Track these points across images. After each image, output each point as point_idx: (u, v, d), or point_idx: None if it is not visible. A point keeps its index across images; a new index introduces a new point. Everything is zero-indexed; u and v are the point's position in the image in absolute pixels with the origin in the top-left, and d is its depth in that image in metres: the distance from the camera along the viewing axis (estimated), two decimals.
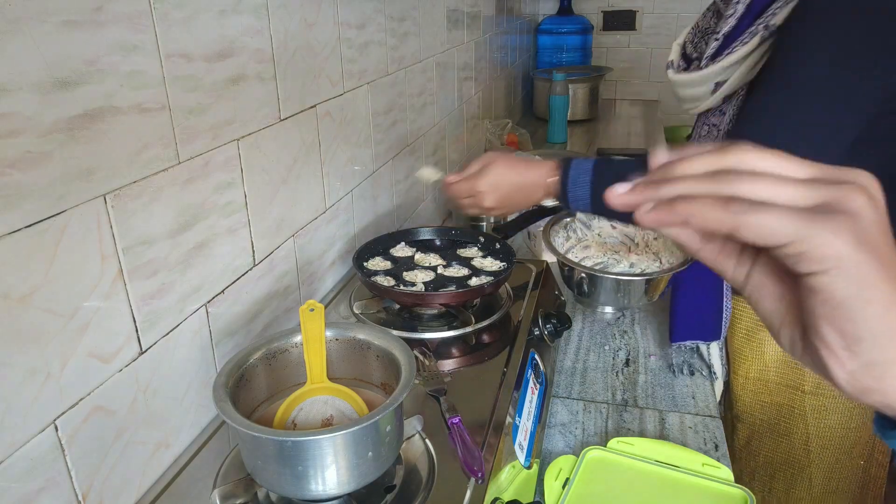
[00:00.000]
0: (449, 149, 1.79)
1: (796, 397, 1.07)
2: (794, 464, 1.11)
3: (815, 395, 1.06)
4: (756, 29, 0.90)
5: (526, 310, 0.99)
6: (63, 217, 0.55)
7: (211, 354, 0.79)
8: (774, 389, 1.10)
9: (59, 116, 0.54)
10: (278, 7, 0.86)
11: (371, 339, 0.69)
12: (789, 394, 1.08)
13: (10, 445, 0.52)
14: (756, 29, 0.90)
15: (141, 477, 0.68)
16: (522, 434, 0.80)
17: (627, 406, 1.02)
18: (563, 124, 2.46)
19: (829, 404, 1.06)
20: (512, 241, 1.15)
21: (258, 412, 0.67)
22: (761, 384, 1.11)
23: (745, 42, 0.90)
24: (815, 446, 1.08)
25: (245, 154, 0.81)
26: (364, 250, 1.05)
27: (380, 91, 1.24)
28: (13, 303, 0.51)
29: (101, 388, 0.61)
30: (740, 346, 1.12)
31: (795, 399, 1.08)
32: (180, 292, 0.72)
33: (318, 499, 0.59)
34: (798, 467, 1.11)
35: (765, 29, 0.88)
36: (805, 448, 1.09)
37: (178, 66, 0.68)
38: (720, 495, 0.83)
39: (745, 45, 0.90)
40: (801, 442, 1.09)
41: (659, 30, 3.24)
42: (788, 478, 1.13)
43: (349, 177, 1.15)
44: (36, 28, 0.51)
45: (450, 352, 0.89)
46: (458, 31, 1.76)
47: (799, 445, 1.10)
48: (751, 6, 0.92)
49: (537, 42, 3.08)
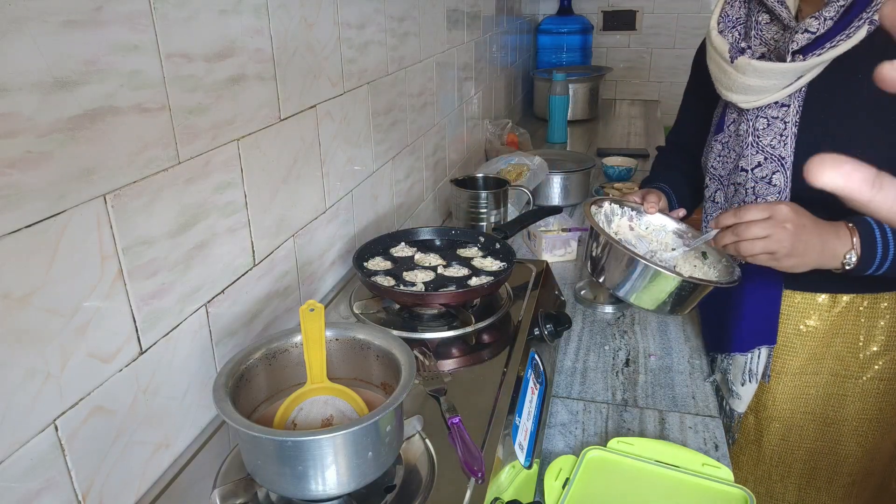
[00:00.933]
0: (449, 149, 1.79)
1: (849, 385, 1.08)
2: (841, 450, 1.12)
3: (872, 381, 1.07)
4: (861, 23, 0.87)
5: (526, 310, 0.99)
6: (63, 217, 0.55)
7: (211, 354, 0.79)
8: (824, 380, 1.10)
9: (59, 116, 0.54)
10: (278, 7, 0.86)
11: (371, 339, 0.69)
12: (841, 383, 1.09)
13: (10, 445, 0.52)
14: (861, 23, 0.87)
15: (141, 477, 0.68)
16: (522, 434, 0.80)
17: (627, 406, 1.02)
18: (563, 124, 2.46)
19: (885, 387, 1.07)
20: (512, 241, 1.15)
21: (258, 412, 0.67)
22: (810, 377, 1.10)
23: (850, 36, 0.88)
24: (865, 430, 1.09)
25: (245, 154, 0.81)
26: (364, 250, 1.05)
27: (380, 91, 1.24)
28: (13, 303, 0.51)
29: (101, 388, 0.61)
30: (789, 340, 1.10)
31: (848, 387, 1.08)
32: (180, 292, 0.72)
33: (318, 499, 0.59)
34: (844, 454, 1.12)
35: (870, 24, 0.86)
36: (855, 433, 1.10)
37: (178, 66, 0.68)
38: (720, 495, 0.83)
39: (850, 39, 0.88)
40: (851, 428, 1.10)
41: (659, 30, 3.24)
42: (832, 465, 1.14)
43: (349, 177, 1.15)
44: (36, 28, 0.51)
45: (450, 352, 0.89)
46: (458, 31, 1.77)
47: (848, 432, 1.10)
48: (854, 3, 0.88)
49: (537, 42, 3.08)
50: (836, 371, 1.09)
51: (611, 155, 2.13)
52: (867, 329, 1.05)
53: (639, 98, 3.33)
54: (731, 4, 1.03)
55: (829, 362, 1.09)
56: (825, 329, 1.07)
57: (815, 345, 1.09)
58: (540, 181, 1.74)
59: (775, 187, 0.97)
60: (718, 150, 1.08)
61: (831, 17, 0.89)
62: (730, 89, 0.99)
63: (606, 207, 1.06)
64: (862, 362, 1.07)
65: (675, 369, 1.11)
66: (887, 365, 1.06)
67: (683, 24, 3.20)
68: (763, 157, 0.98)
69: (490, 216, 1.47)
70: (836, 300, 1.06)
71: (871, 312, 1.04)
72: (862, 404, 1.09)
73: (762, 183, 0.98)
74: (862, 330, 1.05)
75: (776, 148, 0.97)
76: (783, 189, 0.97)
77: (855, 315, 1.05)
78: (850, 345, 1.07)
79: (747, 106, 0.98)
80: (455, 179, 1.52)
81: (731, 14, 1.03)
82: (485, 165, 1.79)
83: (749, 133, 0.99)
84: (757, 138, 0.98)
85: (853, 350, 1.07)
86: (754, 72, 0.94)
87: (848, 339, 1.07)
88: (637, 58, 3.31)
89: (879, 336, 1.05)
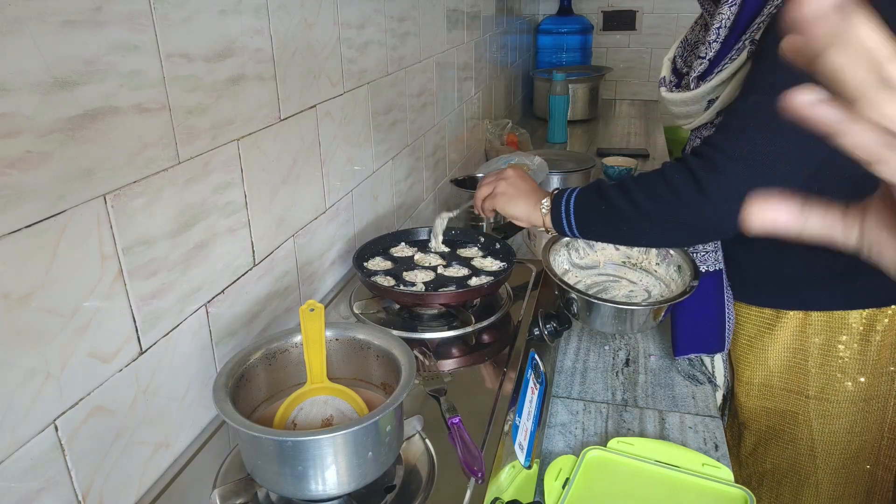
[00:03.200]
0: (449, 149, 1.79)
1: (801, 403, 1.07)
2: (801, 470, 1.11)
3: (820, 401, 1.05)
4: (742, 45, 0.89)
5: (526, 310, 0.99)
6: (63, 217, 0.55)
7: (211, 354, 0.79)
8: (779, 395, 1.09)
9: (59, 116, 0.54)
10: (278, 7, 0.86)
11: (371, 339, 0.69)
12: (794, 399, 1.08)
13: (10, 445, 0.52)
14: (742, 45, 0.89)
15: (141, 477, 0.68)
16: (522, 434, 0.80)
17: (627, 406, 1.02)
18: (563, 124, 2.46)
19: (834, 409, 1.05)
20: (512, 241, 1.15)
21: (258, 412, 0.67)
22: (766, 390, 1.10)
23: (734, 59, 0.90)
24: (821, 452, 1.08)
25: (245, 154, 0.81)
26: (364, 250, 1.05)
27: (380, 91, 1.24)
28: (13, 303, 0.51)
29: (101, 388, 0.61)
30: (743, 353, 1.12)
31: (800, 405, 1.07)
32: (180, 292, 0.72)
33: (318, 499, 0.59)
34: (804, 474, 1.10)
35: (751, 44, 0.88)
36: (811, 454, 1.09)
37: (178, 66, 0.68)
38: (720, 495, 0.83)
39: (733, 62, 0.90)
40: (806, 448, 1.09)
41: (659, 30, 3.24)
42: (795, 484, 1.12)
43: (349, 177, 1.15)
44: (36, 28, 0.51)
45: (450, 352, 0.89)
46: (457, 31, 1.76)
47: (805, 451, 1.09)
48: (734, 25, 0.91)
49: (537, 42, 3.08)
50: (788, 387, 1.08)
51: (611, 155, 2.13)
52: (818, 348, 1.03)
53: (639, 98, 3.33)
54: (692, 30, 1.10)
55: (781, 377, 1.08)
56: (774, 343, 1.07)
57: (766, 358, 1.09)
58: (540, 181, 1.74)
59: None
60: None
61: (714, 39, 0.93)
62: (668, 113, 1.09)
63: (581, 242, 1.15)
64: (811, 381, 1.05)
65: (675, 369, 1.11)
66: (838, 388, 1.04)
67: (683, 25, 3.17)
68: None
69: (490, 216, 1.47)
70: (780, 315, 1.05)
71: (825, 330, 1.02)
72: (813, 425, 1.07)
73: None
74: (812, 349, 1.03)
75: None
76: None
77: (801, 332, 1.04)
78: (799, 362, 1.05)
79: (687, 128, 1.06)
80: (455, 179, 1.52)
81: (690, 39, 1.09)
82: (485, 165, 1.79)
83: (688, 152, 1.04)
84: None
85: (802, 368, 1.05)
86: (669, 101, 1.03)
87: (795, 356, 1.06)
88: (637, 58, 3.31)
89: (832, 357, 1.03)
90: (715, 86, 0.94)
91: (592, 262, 1.16)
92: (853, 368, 1.02)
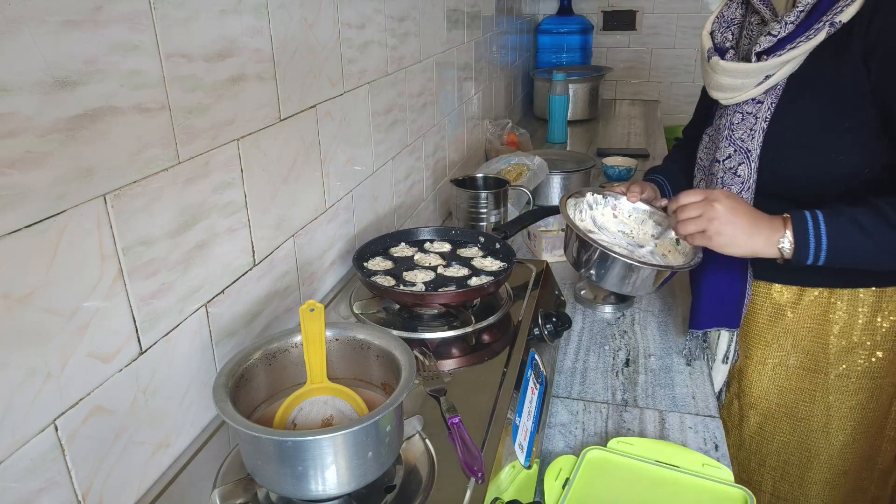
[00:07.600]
0: (449, 149, 1.79)
1: (819, 380, 1.09)
2: (812, 447, 1.13)
3: (841, 377, 1.07)
4: (822, 25, 0.91)
5: (526, 310, 0.99)
6: (63, 217, 0.55)
7: (211, 354, 0.79)
8: (794, 374, 1.11)
9: (59, 116, 0.54)
10: (278, 7, 0.86)
11: (371, 339, 0.69)
12: (811, 377, 1.09)
13: (10, 445, 0.52)
14: (822, 25, 0.91)
15: (141, 477, 0.68)
16: (522, 434, 0.80)
17: (627, 406, 1.02)
18: (563, 124, 2.46)
19: (853, 386, 1.07)
20: (512, 241, 1.15)
21: (258, 412, 0.67)
22: (780, 369, 1.12)
23: (810, 38, 0.92)
24: (835, 428, 1.10)
25: (245, 154, 0.81)
26: (364, 250, 1.05)
27: (380, 91, 1.24)
28: (13, 303, 0.51)
29: (101, 388, 0.61)
30: (762, 330, 1.13)
31: (818, 382, 1.09)
32: (180, 292, 0.72)
33: (318, 499, 0.59)
34: (815, 450, 1.13)
35: (830, 26, 0.90)
36: (825, 430, 1.11)
37: (178, 66, 0.68)
38: (720, 495, 0.83)
39: (809, 41, 0.92)
40: (820, 424, 1.11)
41: (659, 30, 3.24)
42: (804, 461, 1.14)
43: (349, 177, 1.15)
44: (36, 28, 0.51)
45: (450, 352, 0.89)
46: (458, 31, 1.77)
47: (818, 428, 1.11)
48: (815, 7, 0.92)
49: (537, 42, 3.08)
50: (805, 365, 1.10)
51: (611, 155, 2.13)
52: (840, 325, 1.05)
53: (639, 98, 3.33)
54: (728, 6, 1.09)
55: (799, 356, 1.10)
56: (795, 322, 1.09)
57: (784, 336, 1.10)
58: (540, 181, 1.74)
59: (739, 178, 1.03)
60: (705, 142, 1.14)
61: (792, 21, 0.94)
62: (710, 86, 1.06)
63: (589, 198, 1.12)
64: (831, 358, 1.07)
65: (675, 369, 1.11)
66: (857, 363, 1.06)
67: (683, 24, 3.20)
68: (733, 149, 1.03)
69: (490, 216, 1.47)
70: (804, 293, 1.07)
71: (848, 308, 1.04)
72: (830, 401, 1.09)
73: (729, 173, 1.04)
74: (834, 326, 1.06)
75: (745, 141, 1.02)
76: (746, 180, 1.02)
77: (824, 310, 1.06)
78: (820, 340, 1.07)
79: (726, 102, 1.04)
80: (455, 179, 1.52)
81: (727, 15, 1.09)
82: (485, 165, 1.79)
83: (725, 127, 1.05)
84: (731, 132, 1.03)
85: (822, 345, 1.07)
86: (724, 71, 1.01)
87: (816, 334, 1.07)
88: (637, 58, 3.31)
89: (853, 333, 1.05)
90: (785, 61, 0.94)
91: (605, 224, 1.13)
92: (872, 344, 1.04)
